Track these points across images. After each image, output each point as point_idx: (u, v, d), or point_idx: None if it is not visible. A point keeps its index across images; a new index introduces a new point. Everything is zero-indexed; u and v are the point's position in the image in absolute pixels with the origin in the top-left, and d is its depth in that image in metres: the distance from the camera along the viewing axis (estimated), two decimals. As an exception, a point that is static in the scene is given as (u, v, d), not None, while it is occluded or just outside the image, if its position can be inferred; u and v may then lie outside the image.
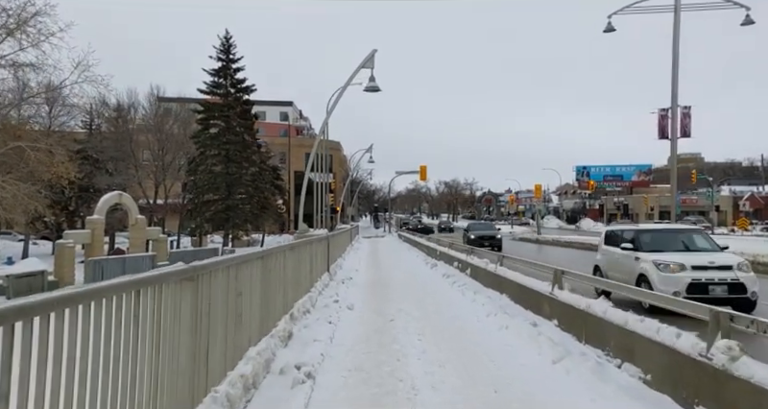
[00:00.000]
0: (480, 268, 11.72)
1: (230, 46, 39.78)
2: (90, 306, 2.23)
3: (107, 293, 2.32)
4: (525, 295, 8.30)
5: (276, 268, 6.59)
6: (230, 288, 4.37)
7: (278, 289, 6.68)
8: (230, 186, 38.89)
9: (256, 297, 5.37)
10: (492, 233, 30.17)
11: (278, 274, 6.69)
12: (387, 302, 10.89)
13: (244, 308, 4.82)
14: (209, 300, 3.75)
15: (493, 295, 9.99)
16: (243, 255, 4.82)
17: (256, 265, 5.32)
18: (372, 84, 13.70)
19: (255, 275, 5.31)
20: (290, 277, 7.64)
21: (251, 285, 5.10)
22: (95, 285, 2.32)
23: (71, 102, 31.05)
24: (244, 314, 4.83)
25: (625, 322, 4.80)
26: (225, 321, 4.18)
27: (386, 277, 15.51)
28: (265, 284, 5.78)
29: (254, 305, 5.26)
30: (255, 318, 5.32)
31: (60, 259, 27.53)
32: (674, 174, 30.21)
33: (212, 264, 3.80)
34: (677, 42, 28.09)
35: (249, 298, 5.02)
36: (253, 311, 5.23)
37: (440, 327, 8.21)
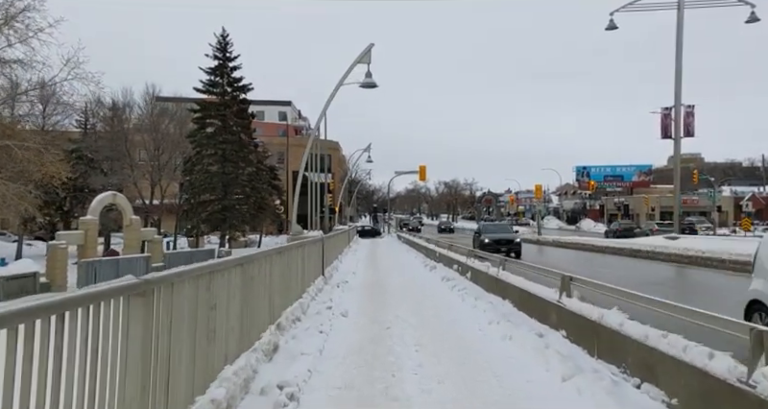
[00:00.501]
0: (481, 272, 11.21)
1: (227, 44, 39.31)
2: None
3: (10, 321, 1.79)
4: (530, 302, 7.78)
5: (261, 274, 6.07)
6: (201, 301, 3.86)
7: (263, 297, 6.16)
8: (227, 186, 38.40)
9: (235, 308, 4.85)
10: (509, 237, 24.76)
11: (263, 281, 6.17)
12: (383, 308, 10.37)
13: (219, 323, 4.30)
14: (171, 318, 3.24)
15: (495, 300, 9.47)
16: (217, 263, 4.30)
17: (234, 273, 4.79)
18: (368, 79, 13.19)
19: (234, 284, 4.79)
20: (278, 284, 7.12)
21: (228, 296, 4.58)
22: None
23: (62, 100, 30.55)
24: (219, 329, 4.31)
25: (645, 337, 4.28)
26: (192, 339, 3.66)
27: (383, 281, 15.00)
28: (246, 293, 5.26)
29: (232, 318, 4.74)
30: (234, 332, 4.80)
31: (53, 261, 27.01)
32: (677, 173, 29.79)
33: (173, 275, 3.28)
34: (680, 40, 27.68)
35: (225, 310, 4.50)
36: (231, 325, 4.71)
37: (439, 337, 7.70)
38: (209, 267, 4.04)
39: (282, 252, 7.43)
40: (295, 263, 8.65)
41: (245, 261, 5.13)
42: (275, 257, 6.83)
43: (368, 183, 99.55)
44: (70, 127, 45.47)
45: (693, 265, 20.42)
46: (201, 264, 3.97)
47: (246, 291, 5.25)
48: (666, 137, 29.95)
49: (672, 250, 23.28)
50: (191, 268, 3.65)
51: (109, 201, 31.75)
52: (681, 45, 27.49)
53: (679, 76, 28.15)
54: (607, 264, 21.29)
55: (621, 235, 43.83)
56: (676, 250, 23.03)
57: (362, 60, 12.65)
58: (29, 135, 22.39)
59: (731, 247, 20.67)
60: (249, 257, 5.32)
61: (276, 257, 6.98)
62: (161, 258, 32.63)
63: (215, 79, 39.14)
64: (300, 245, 9.31)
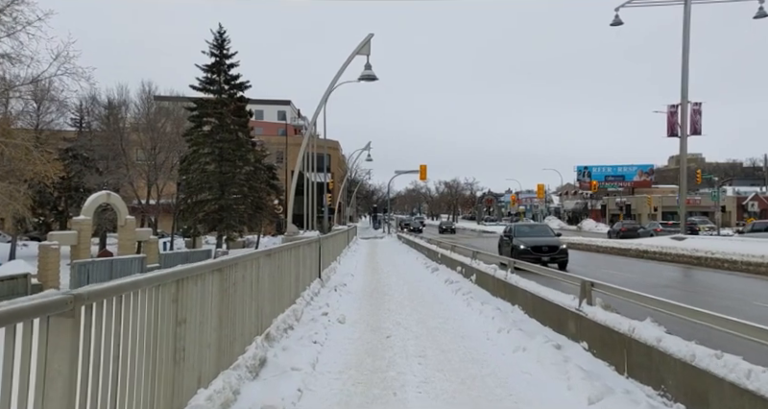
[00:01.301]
0: (487, 274, 10.54)
1: (224, 41, 38.62)
2: None
3: None
4: (543, 308, 7.12)
5: (247, 280, 5.41)
6: (164, 315, 3.21)
7: (249, 306, 5.50)
8: (224, 186, 37.74)
9: (212, 321, 4.19)
10: (552, 242, 18.75)
11: (249, 287, 5.51)
12: (383, 314, 9.71)
13: (190, 339, 3.65)
14: (119, 339, 2.59)
15: (504, 306, 8.81)
16: (187, 269, 3.64)
17: (211, 280, 4.14)
18: (367, 71, 12.53)
19: (210, 292, 4.14)
20: (267, 290, 6.46)
21: (202, 307, 3.93)
22: None
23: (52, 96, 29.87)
24: (190, 347, 3.66)
25: (692, 356, 3.62)
26: (152, 363, 3.02)
27: (383, 283, 14.33)
28: (227, 302, 4.60)
29: (208, 332, 4.08)
30: (210, 348, 4.14)
31: (44, 262, 26.40)
32: (683, 172, 29.10)
33: (121, 286, 2.62)
34: (687, 34, 26.99)
35: (197, 324, 3.84)
36: (207, 340, 4.05)
37: (444, 347, 7.04)
38: (176, 274, 3.38)
39: (272, 255, 6.76)
40: (287, 266, 7.99)
41: (225, 265, 4.47)
42: (263, 260, 6.17)
43: (368, 183, 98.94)
44: (65, 125, 44.90)
45: (703, 266, 19.78)
46: (164, 271, 3.32)
47: (226, 300, 4.59)
48: (672, 135, 29.29)
49: (680, 250, 22.64)
50: (148, 277, 3.00)
51: (104, 200, 31.13)
52: (687, 40, 26.83)
53: (685, 72, 27.49)
54: (614, 265, 20.62)
55: (625, 236, 43.18)
56: (684, 250, 22.39)
57: (361, 50, 12.00)
58: (17, 133, 21.71)
59: (740, 247, 20.02)
60: (230, 261, 4.65)
61: (265, 260, 6.32)
62: (157, 259, 32.01)
63: (212, 76, 38.46)
64: (293, 246, 8.65)
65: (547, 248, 18.19)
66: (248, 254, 5.61)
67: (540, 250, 17.98)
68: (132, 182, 38.85)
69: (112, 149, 38.55)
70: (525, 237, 19.27)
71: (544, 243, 18.57)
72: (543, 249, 18.03)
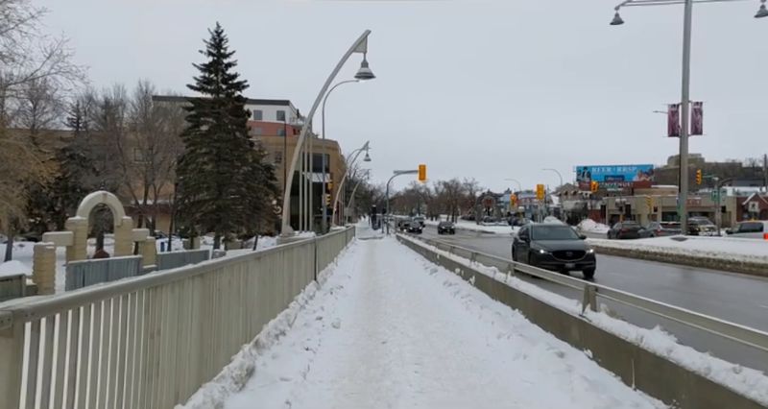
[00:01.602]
0: (487, 277, 10.27)
1: (222, 40, 38.38)
2: None
3: None
4: (545, 313, 6.85)
5: (233, 285, 5.14)
6: (134, 327, 2.94)
7: (236, 313, 5.23)
8: (221, 186, 37.49)
9: (192, 330, 3.92)
10: (577, 246, 15.98)
11: (236, 293, 5.24)
12: (380, 318, 9.44)
13: (165, 352, 3.38)
14: (75, 359, 2.32)
15: (504, 310, 8.54)
16: (162, 276, 3.37)
17: (190, 287, 3.86)
18: (364, 69, 12.24)
19: (190, 300, 3.87)
20: (257, 295, 6.18)
21: (179, 316, 3.66)
22: None
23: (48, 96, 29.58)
24: (165, 360, 3.39)
25: (707, 370, 3.36)
26: (119, 382, 2.75)
27: (381, 286, 14.06)
28: (210, 310, 4.33)
29: (187, 344, 3.81)
30: (190, 360, 3.87)
31: (39, 263, 26.13)
32: (684, 172, 28.85)
33: (70, 300, 2.33)
34: (688, 33, 26.73)
35: (175, 335, 3.57)
36: (186, 352, 3.78)
37: (441, 353, 6.77)
38: (148, 282, 3.11)
39: (263, 258, 6.48)
40: (279, 269, 7.72)
41: (207, 270, 4.19)
42: (252, 264, 5.90)
43: (366, 183, 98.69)
44: (62, 125, 44.61)
45: (705, 267, 19.52)
46: (135, 278, 3.04)
47: (210, 307, 4.32)
48: (673, 135, 29.06)
49: (681, 251, 22.38)
50: (115, 286, 2.73)
51: (100, 201, 30.85)
52: (688, 39, 26.59)
53: (686, 71, 27.26)
54: (614, 266, 20.37)
55: (625, 236, 42.94)
56: (685, 251, 22.13)
57: (358, 48, 11.73)
58: (10, 132, 21.43)
59: (742, 248, 19.76)
60: (213, 266, 4.38)
61: (254, 264, 6.04)
62: (154, 260, 31.72)
63: (209, 76, 38.23)
64: (286, 248, 8.37)
65: (572, 253, 15.43)
66: (235, 258, 5.34)
67: (564, 255, 15.31)
68: (130, 183, 38.59)
69: (109, 149, 38.30)
70: (545, 240, 16.51)
71: (568, 247, 15.76)
72: (567, 254, 15.35)
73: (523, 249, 17.04)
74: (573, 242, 16.80)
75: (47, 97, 35.93)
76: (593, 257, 15.80)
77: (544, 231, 18.21)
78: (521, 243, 17.72)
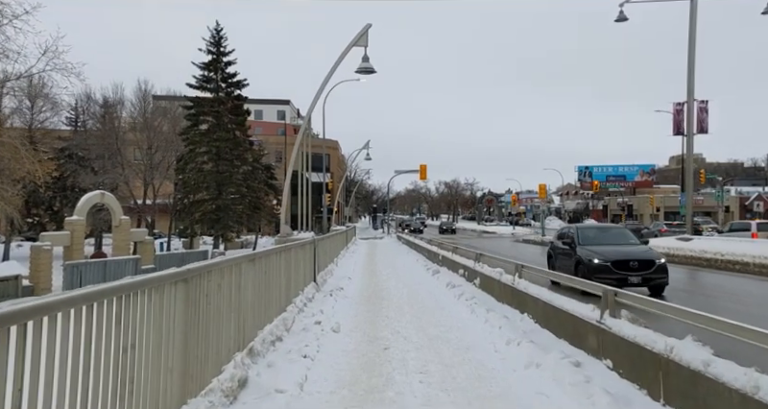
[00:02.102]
0: (493, 278, 9.87)
1: (221, 39, 38.01)
2: None
3: None
4: (557, 318, 6.45)
5: (224, 290, 4.75)
6: (103, 342, 2.55)
7: (227, 319, 4.84)
8: (221, 185, 37.12)
9: (175, 340, 3.53)
10: (642, 254, 12.36)
11: (227, 297, 4.85)
12: (381, 321, 9.04)
13: (142, 367, 2.99)
14: (20, 384, 1.93)
15: (511, 314, 8.14)
16: (136, 282, 2.98)
17: (171, 293, 3.47)
18: (365, 64, 11.87)
19: (171, 307, 3.48)
20: (251, 299, 5.79)
21: (158, 326, 3.27)
22: None
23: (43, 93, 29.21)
24: (142, 376, 3.00)
25: (754, 388, 2.97)
26: (80, 403, 2.36)
27: (382, 287, 13.66)
28: (196, 318, 3.94)
29: (169, 356, 3.42)
30: (172, 374, 3.48)
31: (36, 263, 25.82)
32: (690, 171, 28.41)
33: (12, 314, 1.94)
34: (693, 30, 26.29)
35: (153, 347, 3.19)
36: (167, 365, 3.39)
37: (447, 361, 6.38)
38: (119, 289, 2.72)
39: (257, 259, 6.08)
40: (276, 271, 7.33)
41: (192, 274, 3.80)
42: (245, 266, 5.50)
43: (367, 183, 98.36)
44: (60, 125, 44.27)
45: (713, 268, 19.12)
46: (104, 285, 2.66)
47: (196, 314, 3.93)
48: (678, 134, 28.64)
49: (688, 252, 21.98)
50: (78, 294, 2.34)
51: (98, 200, 30.51)
52: (694, 36, 26.17)
53: (692, 69, 26.83)
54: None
55: (628, 236, 42.41)
56: (692, 252, 21.73)
57: (358, 42, 11.35)
58: (4, 131, 21.05)
59: (750, 249, 19.37)
60: (200, 269, 3.98)
61: (248, 266, 5.65)
62: (152, 260, 31.36)
63: (209, 74, 37.86)
64: (283, 249, 7.98)
65: (637, 264, 11.55)
66: (226, 260, 4.94)
67: (626, 266, 11.48)
68: (128, 182, 38.23)
69: (108, 148, 37.95)
70: (598, 246, 12.61)
71: (632, 256, 11.87)
72: (631, 265, 11.50)
73: (566, 257, 13.24)
74: (636, 249, 12.78)
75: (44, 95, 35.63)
76: (665, 269, 11.77)
77: (595, 234, 14.08)
78: (563, 249, 13.70)
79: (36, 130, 40.59)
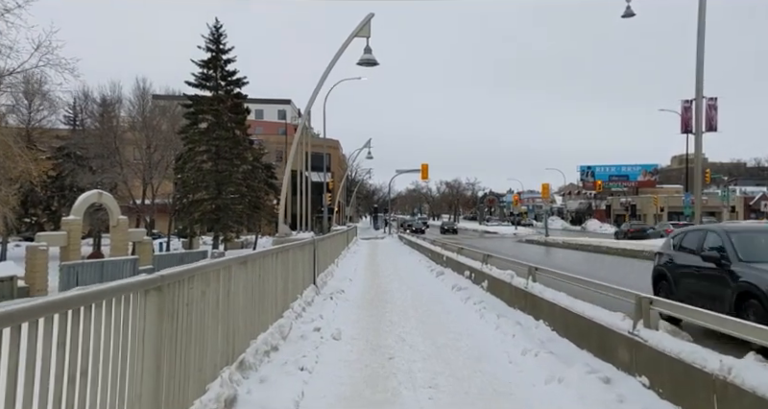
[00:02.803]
0: (503, 281, 9.30)
1: (221, 36, 37.51)
2: None
3: None
4: (578, 327, 5.89)
5: (209, 297, 4.19)
6: (40, 372, 2.00)
7: (213, 330, 4.28)
8: (220, 185, 36.61)
9: (143, 361, 2.98)
10: None
11: (212, 306, 4.29)
12: (385, 327, 8.48)
13: (93, 399, 2.43)
14: None
15: (525, 320, 7.57)
16: (93, 292, 2.42)
17: (140, 304, 2.92)
18: (367, 55, 11.32)
19: (140, 321, 2.93)
20: (242, 306, 5.23)
21: (121, 346, 2.72)
22: None
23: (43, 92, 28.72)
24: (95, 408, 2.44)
25: None
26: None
27: (385, 290, 13.11)
28: (173, 332, 3.39)
29: (135, 380, 2.87)
30: (140, 402, 2.92)
31: (32, 264, 25.35)
32: (698, 170, 27.67)
33: None
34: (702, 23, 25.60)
35: (112, 372, 2.63)
36: (133, 392, 2.84)
37: (458, 373, 5.82)
38: (59, 303, 2.16)
39: (249, 262, 5.52)
40: (272, 274, 6.77)
41: (168, 281, 3.24)
42: (235, 269, 4.95)
43: (368, 183, 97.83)
44: (58, 123, 43.78)
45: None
46: (42, 300, 2.10)
47: (172, 328, 3.37)
48: (687, 132, 27.99)
49: (699, 253, 21.34)
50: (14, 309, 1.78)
51: (95, 200, 30.02)
52: (703, 28, 25.43)
53: (700, 64, 26.09)
54: (630, 268, 19.42)
55: (633, 237, 41.89)
56: (703, 253, 21.09)
57: (360, 32, 10.81)
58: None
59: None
60: (177, 274, 3.42)
61: (240, 269, 5.10)
62: (150, 261, 30.84)
63: (208, 72, 37.37)
64: (280, 250, 7.42)
65: None
66: (213, 263, 4.39)
67: None
68: (127, 181, 37.75)
69: (107, 147, 37.46)
70: None
71: None
72: None
73: (707, 281, 7.58)
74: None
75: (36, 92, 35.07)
76: None
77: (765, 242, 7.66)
78: (697, 268, 7.83)
79: (33, 129, 40.14)
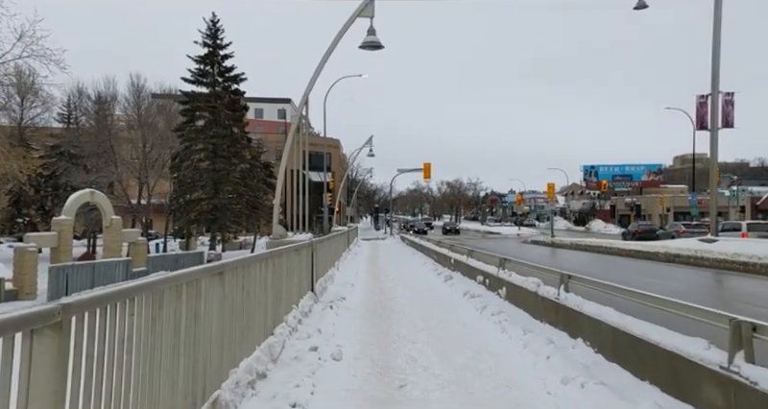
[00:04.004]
0: (526, 290, 8.19)
1: (218, 30, 36.41)
2: None
3: None
4: (636, 351, 4.78)
5: (165, 324, 3.10)
6: None
7: (167, 371, 3.17)
8: (218, 184, 35.54)
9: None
10: None
11: (170, 335, 3.19)
12: (392, 343, 7.38)
13: None
14: None
15: (558, 338, 6.46)
16: None
17: (26, 351, 1.82)
18: (371, 37, 10.22)
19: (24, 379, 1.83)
20: (217, 330, 4.12)
21: None
22: None
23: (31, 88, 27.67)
24: None
25: None
26: None
27: (389, 296, 12.00)
28: (94, 384, 2.29)
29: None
30: None
31: (20, 266, 24.35)
32: (713, 168, 26.69)
33: None
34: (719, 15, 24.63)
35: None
36: None
37: (485, 406, 4.73)
38: None
39: (228, 273, 4.41)
40: (259, 284, 5.66)
41: (70, 314, 2.07)
42: (208, 284, 3.85)
43: (369, 183, 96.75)
44: (52, 122, 42.75)
45: (753, 273, 17.40)
46: None
47: (93, 378, 2.28)
48: (702, 128, 26.89)
49: (717, 255, 20.25)
50: None
51: (87, 199, 28.97)
52: (719, 22, 24.39)
53: (716, 57, 25.07)
54: (646, 271, 18.31)
55: (641, 237, 40.68)
56: (722, 255, 20.01)
57: (363, 12, 9.74)
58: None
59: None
60: (91, 301, 2.28)
61: (213, 283, 4.00)
62: (144, 263, 29.77)
63: (205, 68, 36.30)
64: (270, 256, 6.32)
65: None
66: (168, 278, 3.27)
67: None
68: (121, 181, 36.71)
69: (101, 145, 36.42)
70: None
71: None
72: None
73: None
74: None
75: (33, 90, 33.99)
76: None
77: None
78: None
79: (26, 127, 39.12)
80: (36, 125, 39.83)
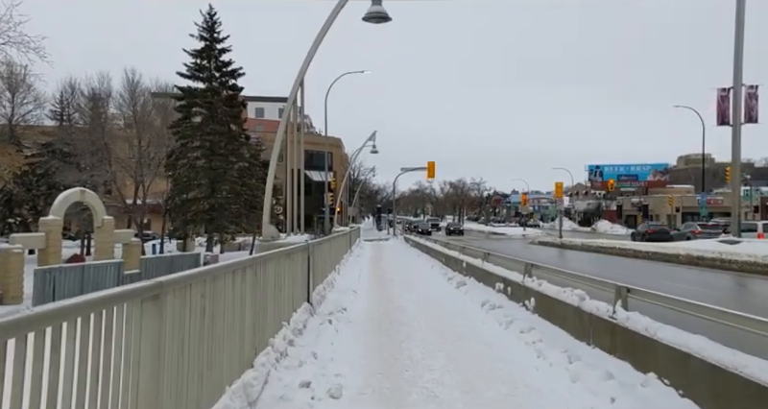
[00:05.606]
0: (565, 304, 6.77)
1: (215, 24, 35.08)
2: None
3: None
4: (754, 401, 3.41)
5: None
6: None
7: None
8: (215, 183, 34.21)
9: None
10: None
11: None
12: (404, 371, 5.98)
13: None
14: None
15: (618, 370, 5.05)
16: None
17: None
18: (375, 7, 8.90)
19: None
20: (147, 377, 2.76)
21: None
22: None
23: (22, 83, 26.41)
24: None
25: None
26: None
27: (396, 306, 10.60)
28: None
29: None
30: None
31: (5, 268, 23.00)
32: (736, 166, 25.16)
33: None
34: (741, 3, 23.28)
35: None
36: None
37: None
38: None
39: (170, 294, 3.02)
40: (233, 305, 4.28)
41: None
42: (144, 312, 2.48)
43: (371, 182, 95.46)
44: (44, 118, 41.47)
45: (792, 278, 16.01)
46: None
47: None
48: (723, 124, 25.43)
49: (746, 257, 18.90)
50: None
51: (77, 198, 27.67)
52: (742, 10, 22.97)
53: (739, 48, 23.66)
54: (671, 276, 16.93)
55: (652, 238, 39.22)
56: (750, 257, 18.67)
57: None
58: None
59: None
60: None
61: (151, 311, 2.63)
62: (138, 265, 28.44)
63: (201, 62, 34.97)
64: (251, 264, 4.94)
65: None
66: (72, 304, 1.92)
67: None
68: (116, 180, 35.43)
69: (95, 143, 35.14)
70: None
71: None
72: None
73: None
74: None
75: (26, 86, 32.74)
76: None
77: None
78: None
79: (16, 124, 37.85)
80: (28, 122, 38.57)
